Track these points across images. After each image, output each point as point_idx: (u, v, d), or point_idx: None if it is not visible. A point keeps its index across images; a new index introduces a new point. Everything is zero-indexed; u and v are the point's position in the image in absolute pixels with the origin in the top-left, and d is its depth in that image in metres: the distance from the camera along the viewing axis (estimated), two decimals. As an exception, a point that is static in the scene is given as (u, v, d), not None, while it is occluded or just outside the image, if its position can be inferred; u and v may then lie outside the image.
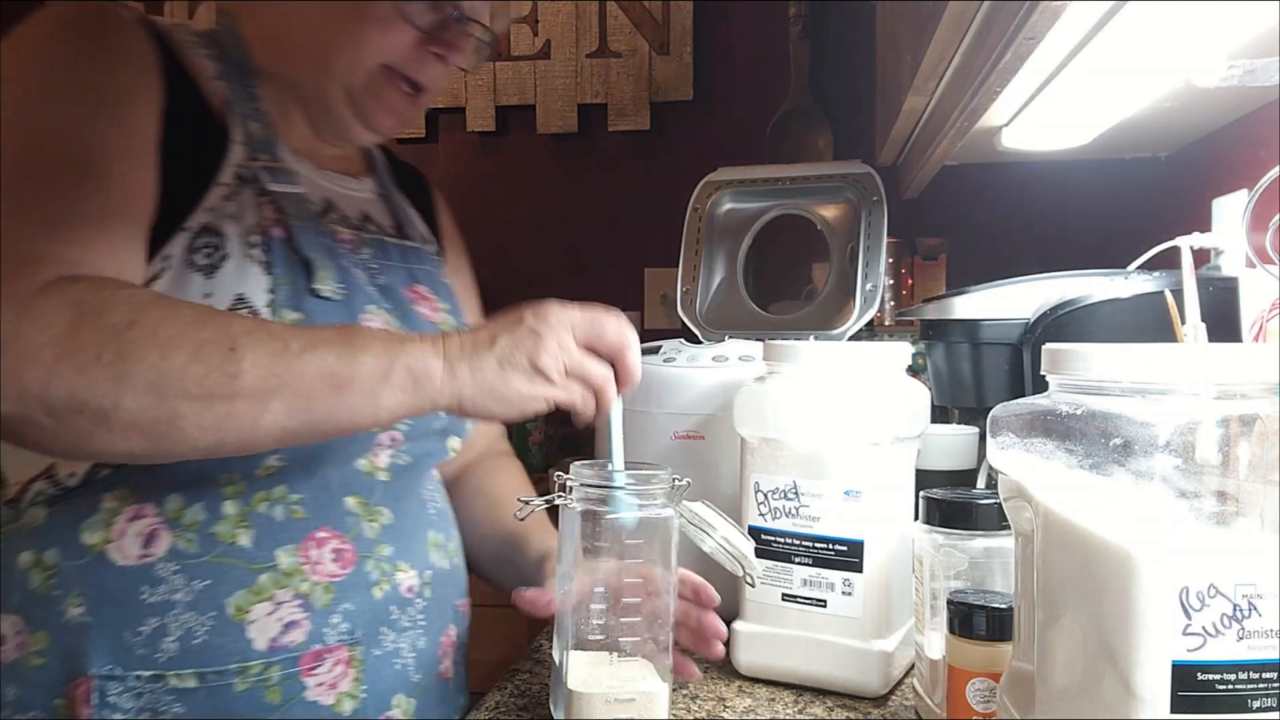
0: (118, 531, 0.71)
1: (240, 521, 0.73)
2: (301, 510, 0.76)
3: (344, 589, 0.76)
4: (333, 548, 0.76)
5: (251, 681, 0.72)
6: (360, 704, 0.77)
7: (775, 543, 0.88)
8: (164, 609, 0.71)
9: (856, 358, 0.89)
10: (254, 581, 0.73)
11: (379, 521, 0.80)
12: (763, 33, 2.09)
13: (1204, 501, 0.51)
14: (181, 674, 0.70)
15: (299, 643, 0.74)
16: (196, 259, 0.74)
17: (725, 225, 1.31)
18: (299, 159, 0.87)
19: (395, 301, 0.88)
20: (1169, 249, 1.07)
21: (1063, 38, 0.82)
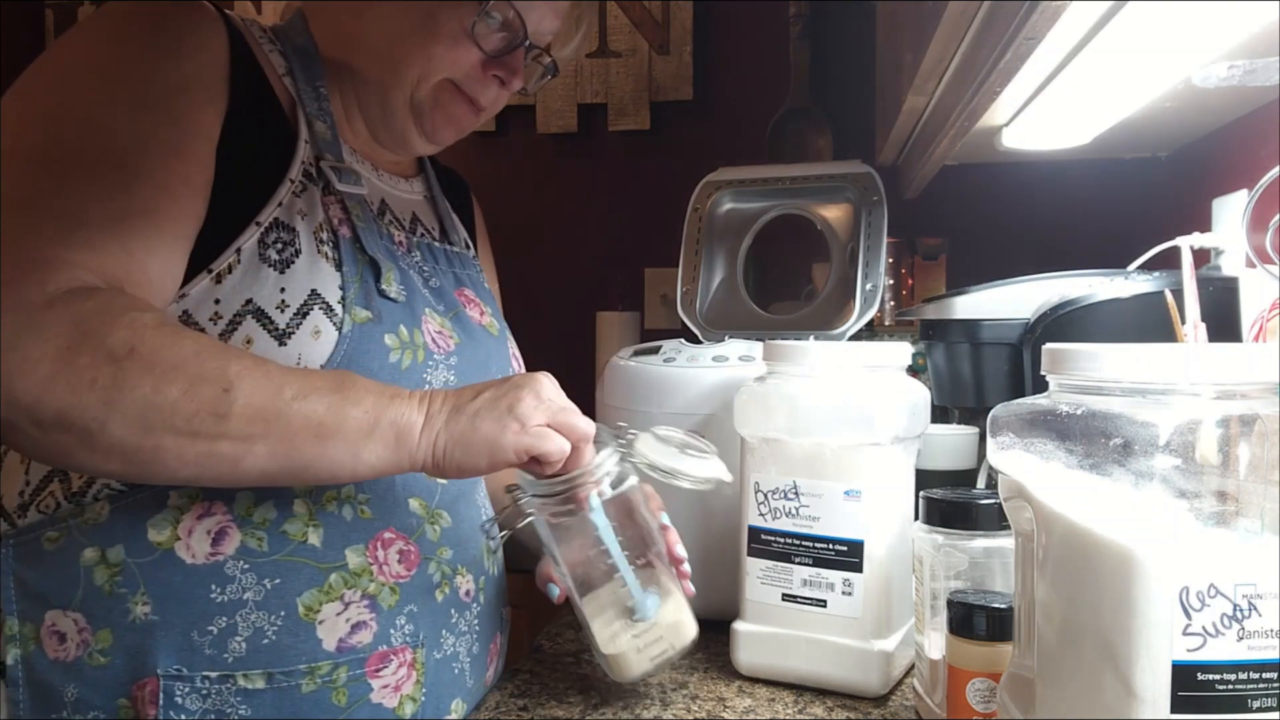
0: (185, 529, 0.70)
1: (310, 520, 0.73)
2: (369, 510, 0.76)
3: (408, 591, 0.77)
4: (398, 549, 0.77)
5: (319, 683, 0.72)
6: (420, 707, 0.77)
7: (775, 543, 0.88)
8: (233, 608, 0.70)
9: (856, 358, 0.89)
10: (324, 581, 0.73)
11: (439, 525, 0.81)
12: (763, 33, 2.09)
13: (1204, 501, 0.51)
14: (250, 674, 0.70)
15: (366, 644, 0.74)
16: (269, 254, 0.74)
17: (725, 225, 1.31)
18: (359, 159, 0.89)
19: (448, 304, 0.89)
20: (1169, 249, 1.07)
21: (1063, 38, 0.82)
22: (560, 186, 2.19)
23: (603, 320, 2.01)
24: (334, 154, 0.83)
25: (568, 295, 2.16)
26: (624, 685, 0.89)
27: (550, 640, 1.04)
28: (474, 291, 0.97)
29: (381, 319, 0.78)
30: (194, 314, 0.72)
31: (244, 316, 0.73)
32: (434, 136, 0.89)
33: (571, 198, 2.18)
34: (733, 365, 1.06)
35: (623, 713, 0.84)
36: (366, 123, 0.89)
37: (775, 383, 0.90)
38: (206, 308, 0.72)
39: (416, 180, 0.99)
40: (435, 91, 0.85)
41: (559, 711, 0.85)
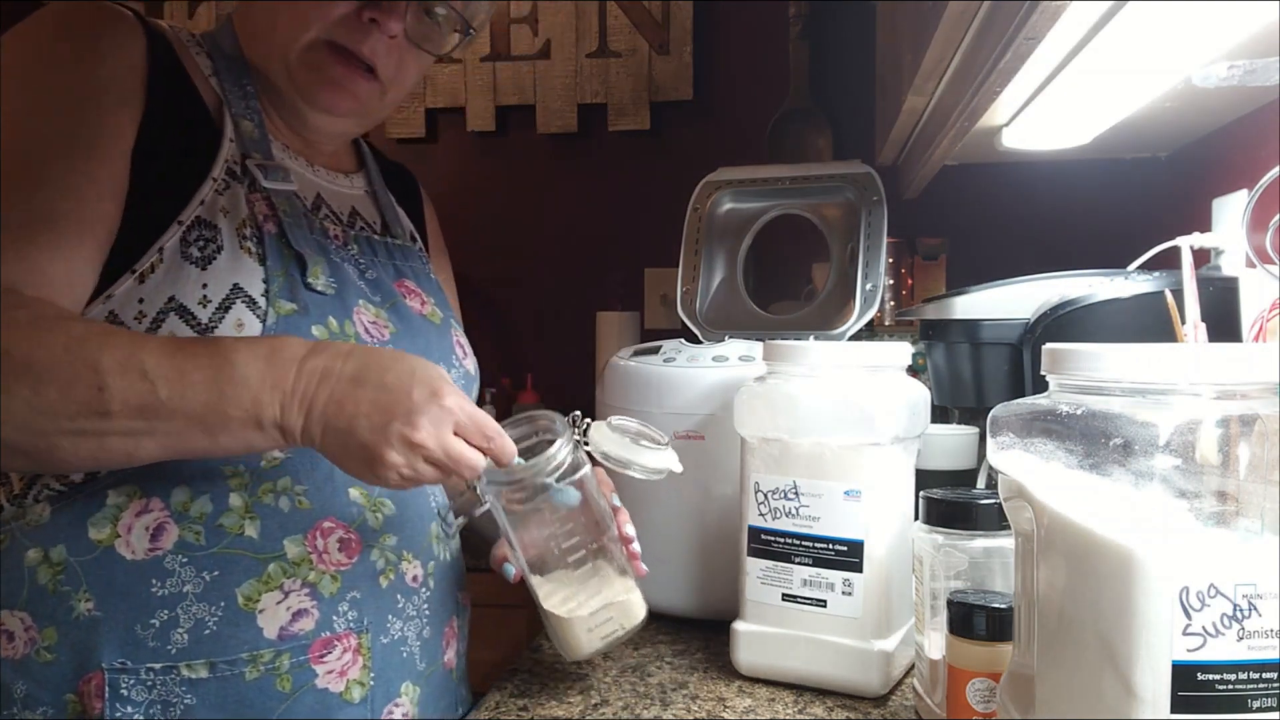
0: (125, 526, 0.72)
1: (247, 513, 0.74)
2: (307, 501, 0.77)
3: (350, 578, 0.78)
4: (338, 537, 0.78)
5: (262, 670, 0.73)
6: (369, 691, 0.78)
7: (775, 543, 0.88)
8: (174, 601, 0.72)
9: (856, 358, 0.89)
10: (262, 571, 0.74)
11: (381, 512, 0.81)
12: (763, 33, 2.09)
13: (1204, 501, 0.51)
14: (193, 664, 0.72)
15: (308, 631, 0.75)
16: (191, 251, 0.75)
17: (725, 225, 1.31)
18: (292, 156, 0.89)
19: (385, 294, 0.89)
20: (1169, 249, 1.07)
21: (1063, 38, 0.82)
22: (560, 186, 2.19)
23: (603, 320, 2.01)
24: (262, 152, 0.82)
25: (568, 295, 2.16)
26: (623, 683, 0.89)
27: (549, 641, 1.04)
28: (415, 282, 0.95)
29: (308, 311, 0.78)
30: (120, 314, 0.73)
31: (167, 313, 0.73)
32: (317, 102, 0.84)
33: (571, 198, 2.18)
34: (733, 365, 1.06)
35: (623, 713, 0.84)
36: (280, 115, 0.87)
37: (775, 383, 0.90)
38: (131, 307, 0.73)
39: (357, 176, 0.98)
40: (307, 53, 0.82)
41: (559, 711, 0.85)
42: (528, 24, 2.15)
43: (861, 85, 2.00)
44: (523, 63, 2.14)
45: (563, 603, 0.82)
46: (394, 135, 2.18)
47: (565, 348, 2.15)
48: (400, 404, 0.67)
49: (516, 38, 2.15)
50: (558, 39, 2.13)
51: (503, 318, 2.20)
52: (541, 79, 2.14)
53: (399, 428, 0.67)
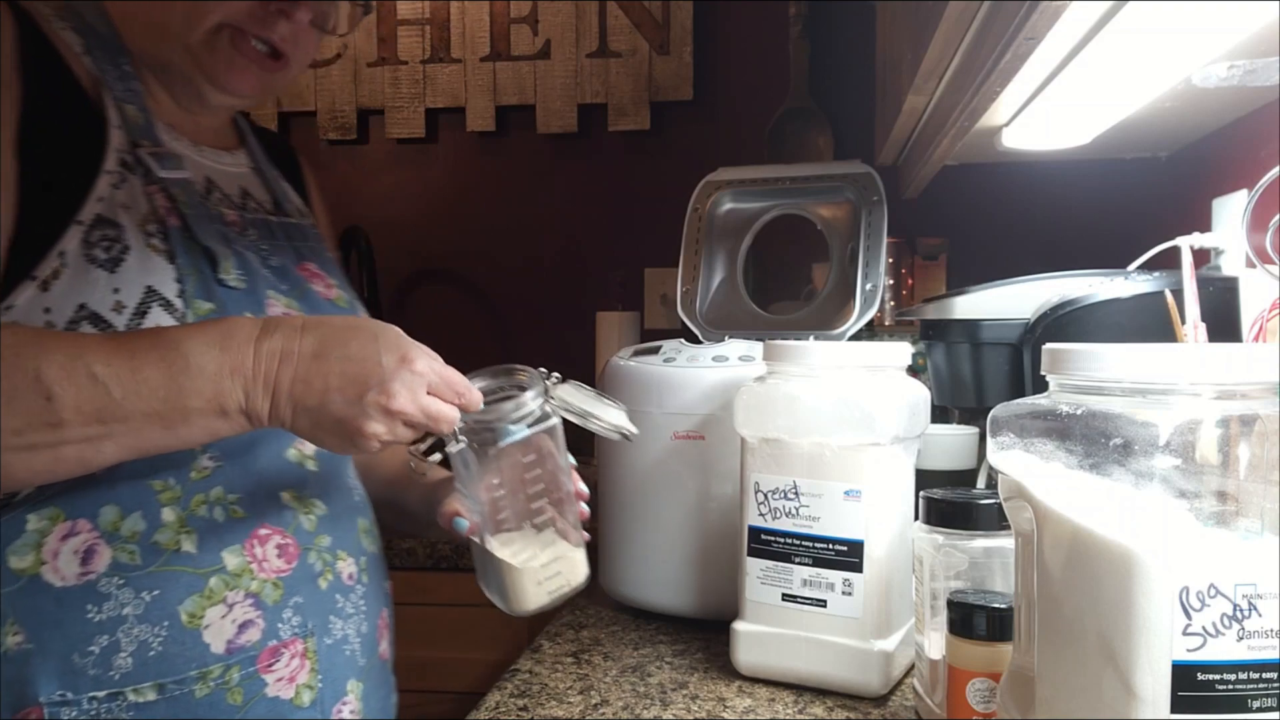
0: (50, 552, 0.67)
1: (181, 528, 0.71)
2: (240, 509, 0.74)
3: (291, 583, 0.76)
4: (276, 543, 0.76)
5: (212, 686, 0.71)
6: (318, 694, 0.77)
7: (775, 543, 0.88)
8: (114, 625, 0.68)
9: (856, 358, 0.89)
10: (204, 586, 0.71)
11: (314, 513, 0.80)
12: (763, 33, 2.09)
13: (1204, 501, 0.51)
14: (140, 688, 0.69)
15: (255, 641, 0.73)
16: (96, 253, 0.70)
17: (725, 225, 1.31)
18: (175, 136, 0.83)
19: (292, 283, 0.86)
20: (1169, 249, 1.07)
21: (1063, 38, 0.82)
22: (560, 186, 2.19)
23: (603, 320, 2.01)
24: (150, 138, 0.78)
25: (568, 295, 2.16)
26: (623, 683, 0.89)
27: (550, 640, 1.04)
28: (317, 264, 0.91)
29: (225, 308, 0.75)
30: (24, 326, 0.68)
31: (79, 323, 0.69)
32: (224, 85, 0.81)
33: (571, 198, 2.18)
34: (733, 365, 1.06)
35: (623, 713, 0.84)
36: (166, 88, 0.83)
37: (775, 383, 0.90)
38: (36, 317, 0.68)
39: (239, 152, 0.92)
40: (209, 38, 0.79)
41: (559, 711, 0.85)
42: (528, 24, 2.15)
43: (861, 85, 2.00)
44: (523, 63, 2.14)
45: (514, 555, 0.81)
46: (394, 135, 2.18)
47: (565, 348, 2.15)
48: (372, 374, 0.66)
49: (516, 38, 2.15)
50: (558, 39, 2.13)
51: (503, 317, 2.20)
52: (541, 79, 2.14)
53: (374, 397, 0.66)
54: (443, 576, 1.58)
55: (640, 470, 1.09)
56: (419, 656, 1.58)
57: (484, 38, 2.15)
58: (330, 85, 2.19)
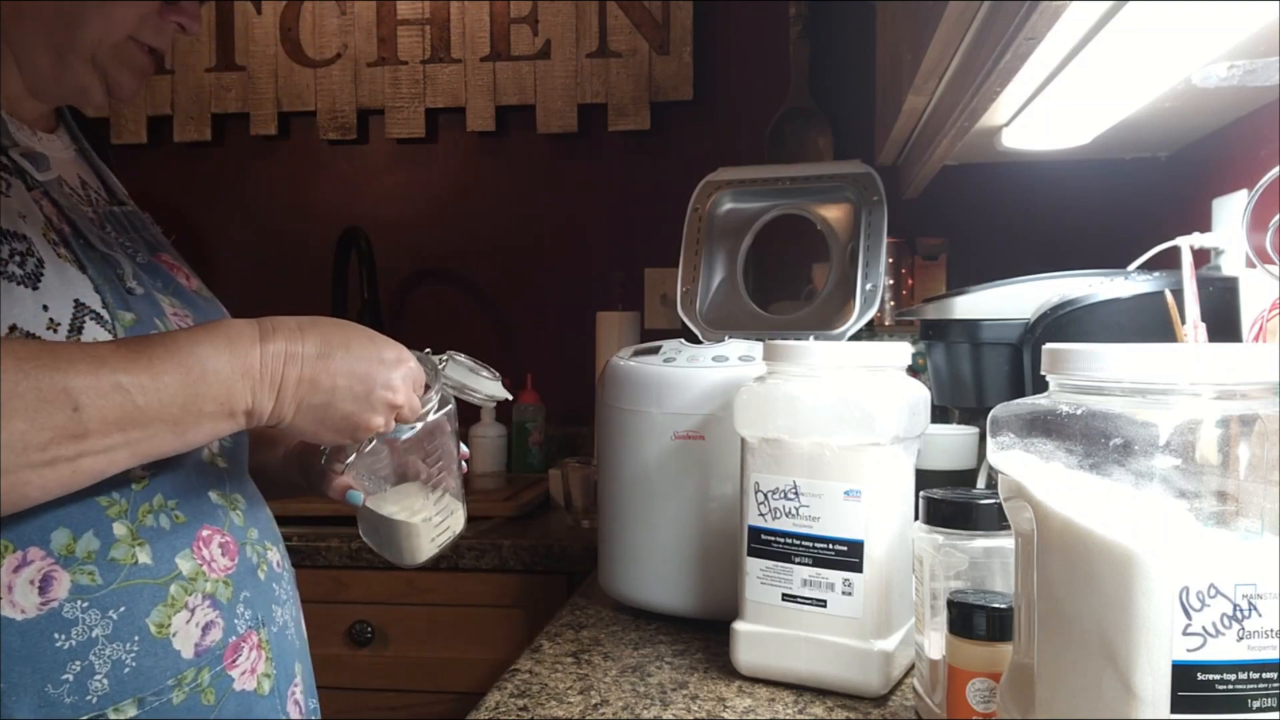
0: (4, 586, 0.65)
1: (134, 540, 0.70)
2: (181, 514, 0.74)
3: (238, 579, 0.77)
4: (218, 543, 0.76)
5: (187, 691, 0.71)
6: (274, 681, 0.79)
7: (775, 543, 0.88)
8: (85, 649, 0.67)
9: (856, 358, 0.89)
10: (165, 595, 0.71)
11: (239, 508, 0.80)
12: (763, 33, 2.09)
13: (1204, 501, 0.51)
14: (120, 706, 0.68)
15: (218, 640, 0.74)
16: (11, 269, 0.67)
17: (725, 225, 1.31)
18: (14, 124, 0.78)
19: (164, 280, 0.83)
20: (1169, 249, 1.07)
21: (1063, 38, 0.82)
22: (560, 186, 2.19)
23: (603, 320, 2.01)
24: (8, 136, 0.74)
25: (568, 295, 2.16)
26: (623, 683, 0.89)
27: (550, 640, 1.04)
28: (169, 254, 0.87)
29: (142, 319, 0.74)
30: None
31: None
32: (120, 91, 0.81)
33: (571, 198, 2.18)
34: (733, 365, 1.06)
35: (623, 713, 0.84)
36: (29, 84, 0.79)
37: (775, 383, 0.90)
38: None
39: (62, 133, 0.85)
40: (117, 50, 0.78)
41: (559, 711, 0.85)
42: (528, 24, 2.15)
43: (861, 85, 2.00)
44: (523, 63, 2.14)
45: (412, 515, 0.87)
46: (394, 135, 2.18)
47: (565, 348, 2.15)
48: (376, 373, 0.70)
49: (516, 38, 2.15)
50: (558, 39, 2.13)
51: (503, 317, 2.20)
52: (541, 79, 2.14)
53: (381, 394, 0.71)
54: (442, 576, 1.58)
55: (640, 470, 1.09)
56: (419, 656, 1.59)
57: (484, 38, 2.15)
58: (330, 85, 2.19)
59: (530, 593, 1.57)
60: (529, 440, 2.06)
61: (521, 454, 2.06)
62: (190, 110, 2.23)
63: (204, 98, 2.22)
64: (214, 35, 2.22)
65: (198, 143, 2.25)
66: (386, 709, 1.58)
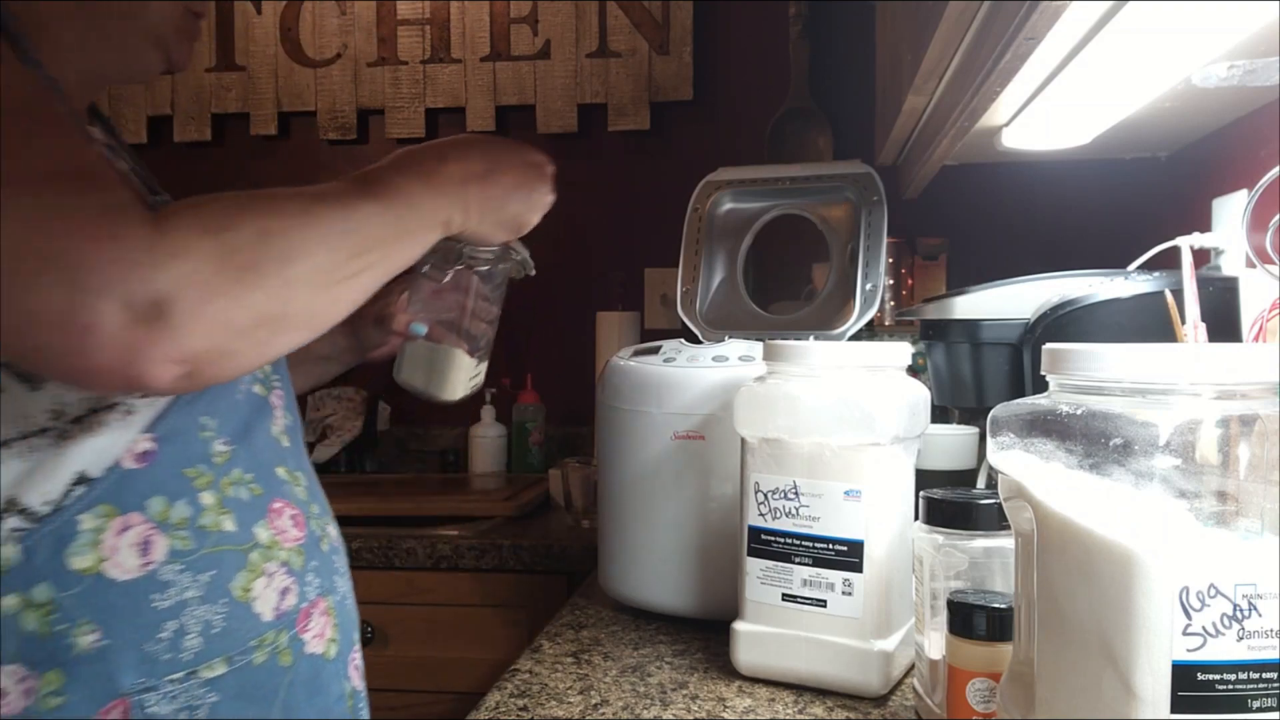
0: (109, 548, 0.69)
1: (220, 509, 0.75)
2: (257, 487, 0.78)
3: (306, 549, 0.81)
4: (289, 515, 0.80)
5: (268, 651, 0.76)
6: (339, 646, 0.83)
7: (775, 543, 0.88)
8: (179, 610, 0.71)
9: (856, 358, 0.89)
10: (247, 561, 0.75)
11: (301, 485, 0.84)
12: (763, 33, 2.09)
13: (1204, 501, 0.51)
14: (211, 664, 0.72)
15: (293, 606, 0.78)
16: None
17: (725, 225, 1.31)
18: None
19: None
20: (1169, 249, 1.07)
21: (1063, 38, 0.82)
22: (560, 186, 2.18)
23: (603, 320, 2.01)
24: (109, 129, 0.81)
25: (568, 295, 2.16)
26: (623, 683, 0.89)
27: (550, 640, 1.04)
28: None
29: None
30: None
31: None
32: (182, 63, 0.85)
33: (571, 198, 2.18)
34: (733, 365, 1.06)
35: (623, 713, 0.84)
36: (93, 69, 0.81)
37: (775, 383, 0.90)
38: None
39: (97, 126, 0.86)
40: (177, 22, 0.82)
41: (559, 711, 0.85)
42: (528, 24, 2.15)
43: (861, 85, 2.00)
44: (523, 63, 2.14)
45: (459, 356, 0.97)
46: (394, 135, 2.18)
47: (565, 348, 2.15)
48: (532, 178, 0.85)
49: (516, 38, 2.15)
50: (558, 39, 2.13)
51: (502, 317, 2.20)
52: (541, 79, 2.14)
53: (540, 195, 0.86)
54: (442, 576, 1.58)
55: (640, 470, 1.09)
56: (419, 656, 1.59)
57: (484, 38, 2.15)
58: (330, 85, 2.19)
59: (530, 593, 1.57)
60: (529, 440, 2.06)
61: (521, 454, 2.06)
62: (190, 110, 2.23)
63: (204, 98, 2.22)
64: (214, 35, 2.22)
65: (198, 143, 2.25)
66: (386, 709, 1.58)
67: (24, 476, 0.67)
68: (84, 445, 0.68)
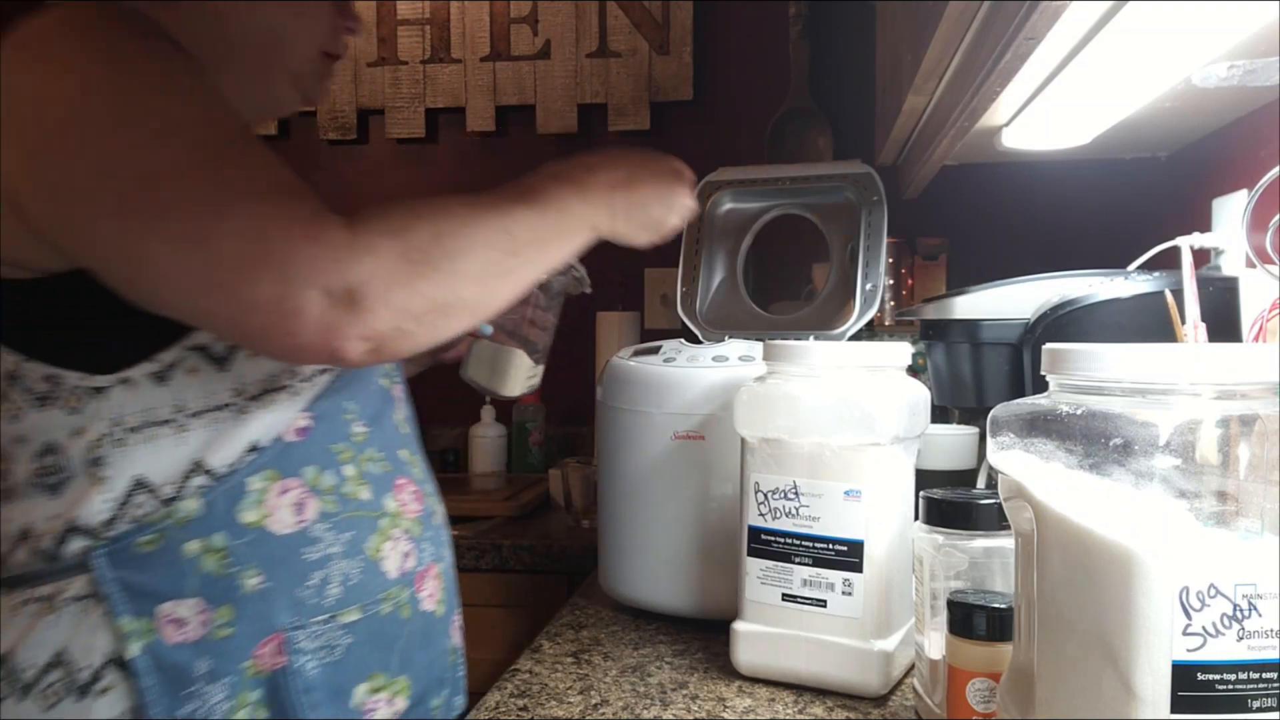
0: (271, 506, 0.81)
1: (359, 480, 0.86)
2: (387, 464, 0.90)
3: (423, 522, 0.93)
4: (410, 490, 0.92)
5: (392, 604, 0.87)
6: (445, 607, 0.95)
7: (775, 543, 0.88)
8: (325, 562, 0.83)
9: (856, 358, 0.89)
10: (377, 526, 0.87)
11: (418, 466, 0.96)
12: (763, 33, 2.09)
13: (1204, 501, 0.51)
14: (348, 610, 0.83)
15: (412, 567, 0.89)
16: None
17: (725, 225, 1.31)
18: None
19: None
20: (1169, 249, 1.07)
21: (1063, 38, 0.82)
22: (560, 186, 2.18)
23: (603, 320, 2.01)
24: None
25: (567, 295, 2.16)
26: (623, 683, 0.89)
27: (550, 640, 1.05)
28: None
29: None
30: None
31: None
32: (316, 99, 0.97)
33: (571, 198, 2.18)
34: (733, 365, 1.06)
35: (623, 713, 0.84)
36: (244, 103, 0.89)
37: (775, 383, 0.90)
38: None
39: None
40: (314, 63, 0.93)
41: (559, 711, 0.85)
42: (528, 24, 2.15)
43: (861, 85, 2.00)
44: (523, 63, 2.14)
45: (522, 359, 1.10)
46: (394, 135, 2.18)
47: (565, 348, 2.15)
48: (671, 183, 0.93)
49: (516, 38, 2.15)
50: (558, 39, 2.13)
51: (503, 318, 2.20)
52: (541, 79, 2.14)
53: (680, 199, 0.93)
54: (443, 576, 1.58)
55: (640, 470, 1.09)
56: (419, 656, 1.59)
57: (484, 38, 2.15)
58: (330, 85, 2.19)
59: (530, 593, 1.57)
60: (529, 440, 2.06)
61: (521, 454, 2.06)
62: (190, 110, 2.23)
63: (204, 98, 2.22)
64: (214, 35, 2.22)
65: (198, 143, 2.24)
66: (386, 709, 1.58)
67: (209, 443, 0.79)
68: (258, 419, 0.80)
